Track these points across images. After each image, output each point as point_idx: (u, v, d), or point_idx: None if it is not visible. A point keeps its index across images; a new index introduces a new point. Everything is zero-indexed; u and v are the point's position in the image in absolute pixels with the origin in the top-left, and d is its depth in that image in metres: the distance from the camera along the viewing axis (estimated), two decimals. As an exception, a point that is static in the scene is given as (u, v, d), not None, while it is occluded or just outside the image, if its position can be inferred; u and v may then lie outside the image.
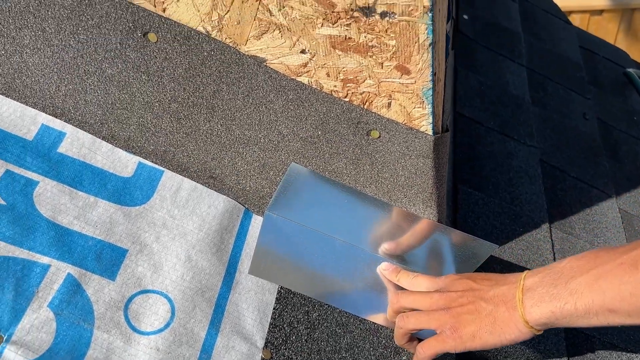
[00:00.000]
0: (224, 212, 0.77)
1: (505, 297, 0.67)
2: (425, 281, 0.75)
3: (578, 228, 1.10)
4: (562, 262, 0.66)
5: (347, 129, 0.70)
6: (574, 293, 0.61)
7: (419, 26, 0.59)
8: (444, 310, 0.70)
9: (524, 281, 0.67)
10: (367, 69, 0.64)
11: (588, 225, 1.12)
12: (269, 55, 0.65)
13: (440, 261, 0.84)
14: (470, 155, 1.10)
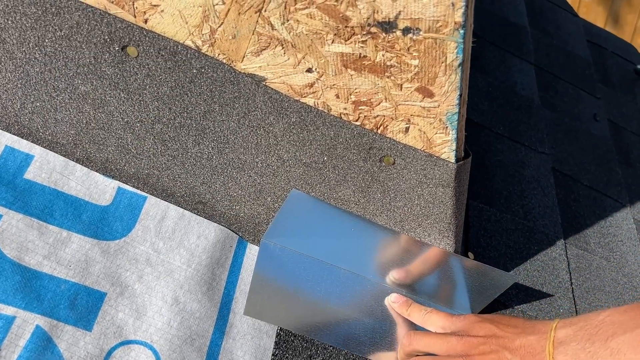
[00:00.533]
0: (215, 243, 0.68)
1: (533, 349, 0.60)
2: (441, 319, 0.68)
3: (593, 243, 1.03)
4: (600, 313, 0.58)
5: (357, 155, 0.61)
6: (615, 353, 0.54)
7: (447, 44, 0.50)
8: (462, 357, 0.62)
9: (555, 332, 0.59)
10: (384, 90, 0.55)
11: (603, 239, 1.05)
12: (269, 73, 0.55)
13: (453, 292, 0.76)
14: (480, 165, 1.02)
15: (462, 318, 0.66)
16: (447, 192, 0.63)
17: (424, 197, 0.64)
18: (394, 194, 0.65)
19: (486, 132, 1.08)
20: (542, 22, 1.47)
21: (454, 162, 0.60)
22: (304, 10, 0.50)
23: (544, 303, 0.88)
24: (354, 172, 0.63)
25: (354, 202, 0.67)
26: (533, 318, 0.85)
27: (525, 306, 0.86)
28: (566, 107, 1.27)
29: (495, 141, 1.08)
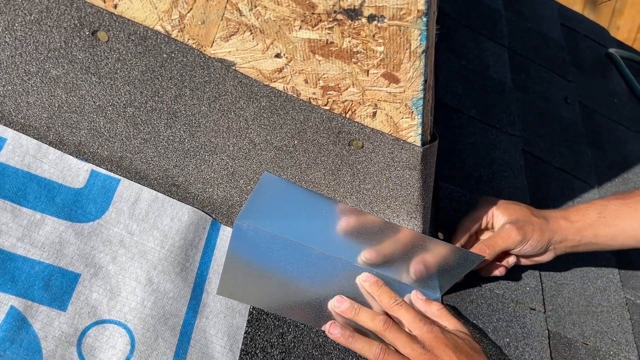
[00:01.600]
0: (188, 225, 0.69)
1: None
2: (409, 317, 0.69)
3: (560, 223, 1.07)
4: None
5: (327, 139, 0.63)
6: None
7: (411, 31, 0.51)
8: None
9: None
10: (351, 76, 0.56)
11: (570, 220, 1.08)
12: (238, 58, 0.56)
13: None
14: (452, 148, 1.04)
15: (428, 327, 0.67)
16: (414, 174, 0.65)
17: (392, 179, 0.66)
18: (363, 177, 0.67)
19: (459, 115, 1.10)
20: (517, 5, 1.48)
21: (420, 146, 0.62)
22: (271, -4, 0.51)
23: (511, 282, 0.91)
24: (324, 156, 0.65)
25: (324, 185, 0.68)
26: (500, 296, 0.88)
27: (493, 285, 0.89)
28: (538, 90, 1.30)
29: (467, 124, 1.10)
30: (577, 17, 1.66)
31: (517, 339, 0.85)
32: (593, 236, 0.85)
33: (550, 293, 0.94)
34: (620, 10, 5.17)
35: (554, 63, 1.40)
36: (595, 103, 1.39)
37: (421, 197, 0.69)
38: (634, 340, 0.97)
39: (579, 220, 0.85)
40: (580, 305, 0.96)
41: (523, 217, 0.83)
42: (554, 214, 0.87)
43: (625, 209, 0.85)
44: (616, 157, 1.29)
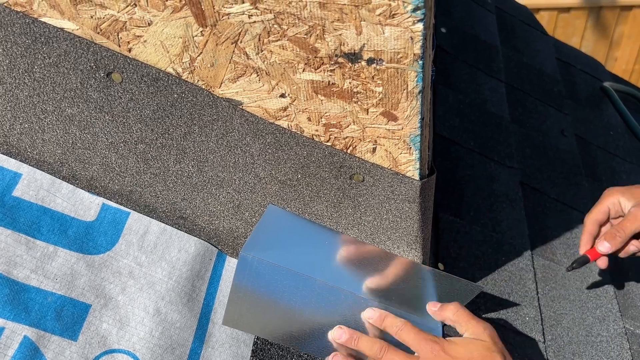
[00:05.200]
0: (195, 256, 0.72)
1: None
2: (411, 338, 0.70)
3: (559, 254, 1.09)
4: None
5: (329, 173, 0.66)
6: None
7: (408, 73, 0.54)
8: None
9: None
10: (352, 114, 0.59)
11: (569, 250, 1.10)
12: (245, 98, 0.59)
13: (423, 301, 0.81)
14: (451, 179, 1.07)
15: (431, 345, 0.68)
16: (413, 207, 0.68)
17: (392, 212, 0.69)
18: (364, 209, 0.69)
19: (457, 148, 1.13)
20: (513, 40, 1.53)
21: (419, 180, 0.65)
22: (277, 42, 0.54)
23: (511, 312, 0.93)
24: (326, 189, 0.67)
25: (327, 217, 0.71)
26: (500, 326, 0.90)
27: (492, 314, 0.90)
28: (535, 123, 1.33)
29: (465, 156, 1.13)
30: (573, 51, 1.70)
31: (518, 369, 0.86)
32: None
33: (549, 323, 0.95)
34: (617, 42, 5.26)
35: (550, 96, 1.43)
36: (591, 135, 1.42)
37: (420, 229, 0.71)
38: (634, 370, 0.98)
39: None
40: (579, 335, 0.97)
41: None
42: None
43: None
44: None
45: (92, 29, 0.56)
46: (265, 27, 0.53)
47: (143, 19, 0.54)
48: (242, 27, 0.53)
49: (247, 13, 0.52)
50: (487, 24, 1.49)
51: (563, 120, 1.39)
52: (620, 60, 5.29)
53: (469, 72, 1.33)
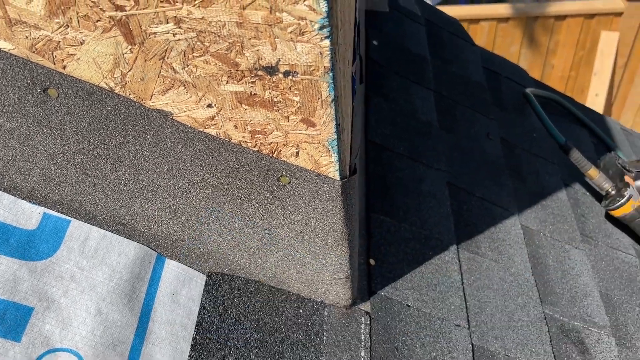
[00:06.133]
0: (135, 260, 0.76)
1: None
2: None
3: (484, 247, 1.17)
4: None
5: (258, 176, 0.71)
6: None
7: (320, 84, 0.61)
8: None
9: None
10: (274, 122, 0.65)
11: (493, 244, 1.19)
12: (175, 109, 0.65)
13: None
14: (382, 183, 1.14)
15: None
16: (337, 205, 0.74)
17: (318, 210, 0.75)
18: (293, 209, 0.75)
19: (388, 153, 1.21)
20: (442, 51, 1.63)
21: (340, 180, 0.71)
22: (201, 57, 0.60)
23: (438, 301, 1.00)
24: (256, 191, 0.73)
25: (259, 218, 0.77)
26: (427, 314, 0.97)
27: (420, 304, 0.98)
28: (462, 129, 1.42)
29: (396, 161, 1.21)
30: (499, 60, 1.82)
31: (444, 353, 0.93)
32: None
33: (474, 310, 1.03)
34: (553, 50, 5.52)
35: (477, 103, 1.53)
36: (515, 138, 1.52)
37: (345, 226, 0.78)
38: (551, 350, 1.07)
39: None
40: (502, 321, 1.05)
41: None
42: None
43: None
44: (536, 187, 1.42)
45: (27, 49, 0.61)
46: (189, 44, 0.58)
47: (76, 39, 0.59)
48: (167, 44, 0.59)
49: (172, 32, 0.57)
50: (417, 37, 1.59)
51: (489, 125, 1.49)
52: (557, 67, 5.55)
53: (400, 82, 1.41)
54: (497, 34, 5.28)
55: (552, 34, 5.27)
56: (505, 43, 5.29)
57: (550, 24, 5.24)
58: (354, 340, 0.87)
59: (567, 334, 1.12)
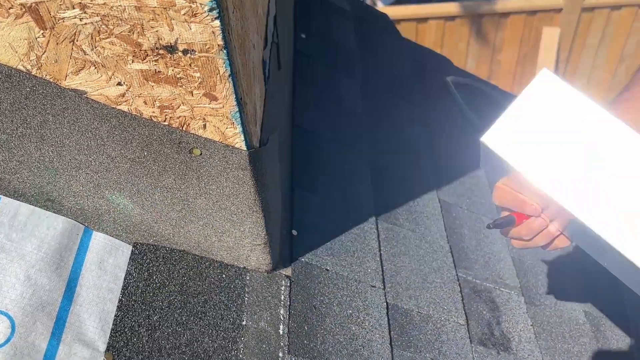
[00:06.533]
0: (63, 232, 0.83)
1: None
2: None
3: (402, 219, 1.27)
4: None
5: (171, 149, 0.79)
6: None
7: (217, 61, 0.69)
8: None
9: None
10: (180, 97, 0.73)
11: (411, 216, 1.30)
12: (88, 88, 0.72)
13: None
14: (307, 162, 1.23)
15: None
16: (247, 173, 0.82)
17: (230, 179, 0.83)
18: (207, 179, 0.83)
19: (313, 136, 1.30)
20: (369, 44, 1.73)
21: (246, 150, 0.80)
22: (107, 39, 0.67)
23: (355, 265, 1.09)
24: (171, 163, 0.81)
25: (176, 189, 0.84)
26: (345, 277, 1.06)
27: (338, 268, 1.07)
28: (386, 114, 1.53)
29: (321, 142, 1.30)
30: (425, 51, 1.93)
31: (359, 310, 1.02)
32: None
33: (389, 274, 1.13)
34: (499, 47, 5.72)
35: (402, 91, 1.64)
36: (437, 122, 1.64)
37: (257, 193, 0.86)
38: (463, 308, 1.17)
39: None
40: (416, 283, 1.15)
41: None
42: None
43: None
44: (455, 166, 1.53)
45: (-52, 35, 0.67)
46: (95, 28, 0.66)
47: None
48: (76, 28, 0.66)
49: (78, 17, 0.65)
50: (345, 31, 1.68)
51: (412, 111, 1.60)
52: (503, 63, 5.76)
53: (327, 72, 1.50)
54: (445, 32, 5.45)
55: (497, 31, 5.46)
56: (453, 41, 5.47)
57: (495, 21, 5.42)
58: (274, 300, 0.95)
59: (479, 294, 1.23)
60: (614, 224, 0.66)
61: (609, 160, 0.67)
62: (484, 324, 1.18)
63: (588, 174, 0.67)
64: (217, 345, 0.85)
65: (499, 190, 0.79)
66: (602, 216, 0.67)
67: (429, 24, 5.36)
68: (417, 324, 1.08)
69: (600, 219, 0.67)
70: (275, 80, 1.08)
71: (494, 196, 0.81)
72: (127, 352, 0.78)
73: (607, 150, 0.67)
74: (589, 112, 0.68)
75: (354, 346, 0.97)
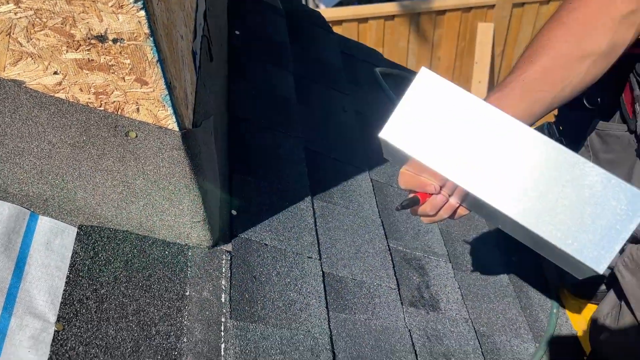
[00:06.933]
0: (9, 217, 0.88)
1: None
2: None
3: (336, 197, 1.37)
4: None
5: (108, 132, 0.86)
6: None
7: (145, 48, 0.77)
8: None
9: None
10: (113, 83, 0.80)
11: (345, 195, 1.39)
12: (26, 78, 0.78)
13: None
14: (243, 149, 1.31)
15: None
16: (181, 153, 0.90)
17: (166, 159, 0.90)
18: (144, 160, 0.90)
19: (249, 125, 1.38)
20: (302, 39, 1.82)
21: (179, 131, 0.87)
22: (41, 31, 0.74)
23: (292, 239, 1.18)
24: (109, 147, 0.87)
25: (116, 171, 0.91)
26: (283, 250, 1.15)
27: (276, 243, 1.15)
28: (319, 103, 1.62)
29: (256, 131, 1.38)
30: (355, 44, 2.04)
31: (297, 279, 1.11)
32: None
33: (325, 246, 1.22)
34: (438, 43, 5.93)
35: (334, 82, 1.74)
36: (368, 110, 1.74)
37: (193, 172, 0.94)
38: (394, 274, 1.28)
39: None
40: (349, 253, 1.25)
41: None
42: None
43: (504, 99, 0.88)
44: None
45: None
46: (29, 21, 0.72)
47: None
48: (11, 22, 0.72)
49: (13, 11, 0.71)
50: (277, 27, 1.77)
51: (344, 100, 1.70)
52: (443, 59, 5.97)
53: (261, 66, 1.59)
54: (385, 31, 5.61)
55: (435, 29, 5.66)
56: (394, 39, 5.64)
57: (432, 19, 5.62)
58: (215, 273, 1.03)
59: (408, 261, 1.34)
60: (496, 190, 0.79)
61: (485, 137, 0.79)
62: (414, 287, 1.28)
63: (470, 152, 0.80)
64: (163, 313, 0.92)
65: (403, 175, 0.90)
66: (486, 186, 0.80)
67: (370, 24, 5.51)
68: (352, 289, 1.17)
69: (485, 188, 0.80)
70: (209, 71, 1.15)
71: (399, 181, 0.91)
72: (77, 322, 0.84)
73: (482, 129, 0.79)
74: (464, 100, 0.80)
75: (293, 310, 1.05)
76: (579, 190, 0.71)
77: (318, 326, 1.06)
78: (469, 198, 0.84)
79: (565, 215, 0.71)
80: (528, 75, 0.87)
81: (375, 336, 1.13)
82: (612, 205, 0.69)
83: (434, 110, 0.81)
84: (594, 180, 0.70)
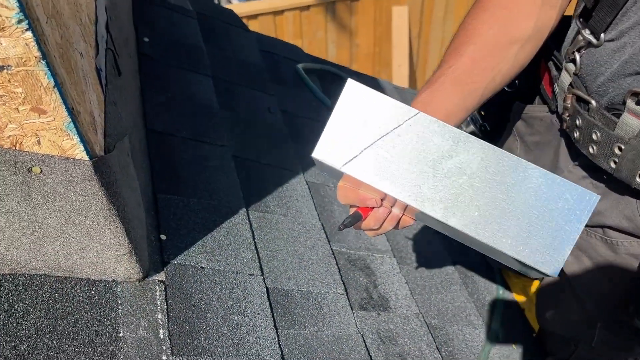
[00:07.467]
0: None
1: None
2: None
3: (273, 205, 1.30)
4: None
5: (7, 170, 0.75)
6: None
7: (37, 73, 0.67)
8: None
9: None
10: (5, 115, 0.70)
11: (281, 201, 1.33)
12: None
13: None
14: (167, 165, 1.22)
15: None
16: (94, 184, 0.81)
17: (78, 192, 0.81)
18: (54, 196, 0.80)
19: (170, 138, 1.29)
20: (217, 39, 1.74)
21: (89, 160, 0.78)
22: None
23: (231, 258, 1.11)
24: (11, 186, 0.77)
25: (22, 212, 0.81)
26: (221, 271, 1.07)
27: (213, 264, 1.08)
28: (243, 106, 1.55)
29: (179, 144, 1.29)
30: (274, 41, 1.97)
31: (240, 300, 1.04)
32: None
33: (266, 260, 1.16)
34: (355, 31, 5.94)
35: (256, 82, 1.67)
36: (295, 108, 1.68)
37: (111, 203, 0.85)
38: (340, 279, 1.23)
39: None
40: (293, 264, 1.19)
41: None
42: None
43: (435, 95, 0.86)
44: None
45: None
46: None
47: None
48: None
49: None
50: (189, 29, 1.68)
51: (269, 100, 1.64)
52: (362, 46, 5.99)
53: (176, 72, 1.49)
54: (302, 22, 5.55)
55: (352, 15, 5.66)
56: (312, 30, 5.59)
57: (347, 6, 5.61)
58: (150, 307, 0.94)
59: (354, 263, 1.30)
60: (437, 201, 0.75)
61: (419, 147, 0.75)
62: (362, 289, 1.25)
63: (406, 163, 0.76)
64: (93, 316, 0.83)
65: (342, 189, 0.85)
66: (427, 197, 0.76)
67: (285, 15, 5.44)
68: (299, 302, 1.12)
69: (425, 200, 0.76)
70: (118, 86, 1.06)
71: (338, 196, 0.86)
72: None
73: (415, 139, 0.75)
74: (393, 109, 0.76)
75: (239, 335, 0.99)
76: (524, 194, 0.68)
77: (268, 347, 1.00)
78: (411, 209, 0.80)
79: (513, 221, 0.69)
80: (457, 67, 0.84)
81: (328, 347, 1.08)
82: (559, 207, 0.67)
83: (365, 124, 0.77)
84: (538, 182, 0.68)
